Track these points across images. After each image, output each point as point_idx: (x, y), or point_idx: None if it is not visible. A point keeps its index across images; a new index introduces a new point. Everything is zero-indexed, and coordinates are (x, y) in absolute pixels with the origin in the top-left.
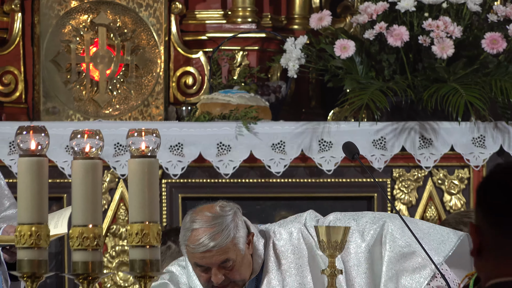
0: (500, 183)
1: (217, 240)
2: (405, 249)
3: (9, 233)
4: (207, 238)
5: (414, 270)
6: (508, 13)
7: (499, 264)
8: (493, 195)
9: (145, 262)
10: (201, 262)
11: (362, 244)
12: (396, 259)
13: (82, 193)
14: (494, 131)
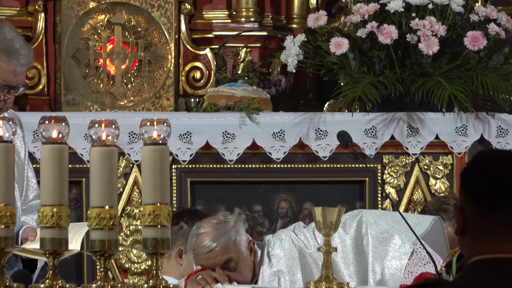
0: (482, 169)
1: (220, 241)
2: (384, 235)
3: (29, 236)
4: (210, 240)
5: (395, 250)
6: (488, 13)
7: (480, 243)
8: (475, 179)
9: (157, 240)
10: (206, 263)
11: (346, 237)
12: (378, 244)
13: (99, 177)
14: (475, 121)
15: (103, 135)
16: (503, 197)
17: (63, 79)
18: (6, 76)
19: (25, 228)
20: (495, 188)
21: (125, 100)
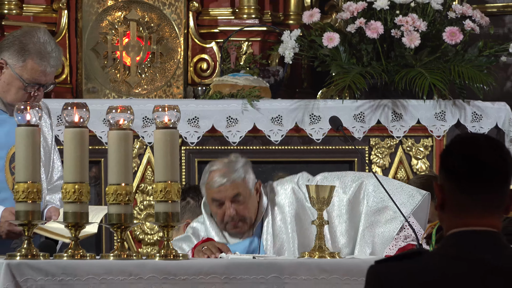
0: (460, 151)
1: (230, 176)
2: (379, 204)
3: (52, 215)
4: (221, 175)
5: (387, 222)
6: (464, 11)
7: (458, 217)
8: (454, 160)
9: (168, 214)
10: (217, 196)
11: (344, 198)
12: (372, 212)
13: (116, 157)
14: (453, 107)
15: (120, 119)
16: (478, 176)
17: (84, 69)
18: (37, 75)
19: (49, 208)
20: (471, 168)
21: (140, 88)
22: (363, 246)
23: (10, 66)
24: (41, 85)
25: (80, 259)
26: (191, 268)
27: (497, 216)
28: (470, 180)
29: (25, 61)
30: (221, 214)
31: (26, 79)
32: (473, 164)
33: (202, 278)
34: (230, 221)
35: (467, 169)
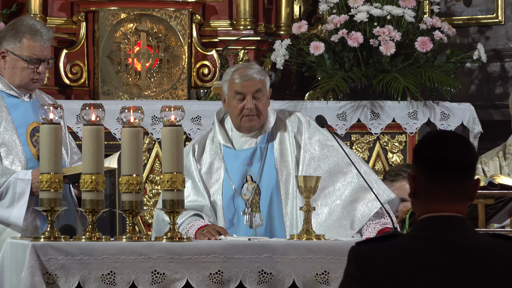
0: (430, 146)
1: (256, 74)
2: (365, 184)
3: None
4: (247, 72)
5: (369, 201)
6: (433, 23)
7: (429, 204)
8: (425, 154)
9: (173, 202)
10: (241, 89)
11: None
12: (358, 189)
13: (128, 152)
14: (424, 107)
15: (131, 118)
16: (447, 168)
17: (100, 74)
18: (34, 51)
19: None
20: (441, 160)
21: (149, 91)
22: (344, 217)
23: (10, 52)
24: (41, 60)
25: (96, 241)
26: (194, 248)
27: (463, 203)
28: (440, 171)
29: (21, 41)
30: (241, 107)
31: (26, 57)
32: (442, 157)
33: (203, 257)
34: (247, 114)
35: (437, 161)
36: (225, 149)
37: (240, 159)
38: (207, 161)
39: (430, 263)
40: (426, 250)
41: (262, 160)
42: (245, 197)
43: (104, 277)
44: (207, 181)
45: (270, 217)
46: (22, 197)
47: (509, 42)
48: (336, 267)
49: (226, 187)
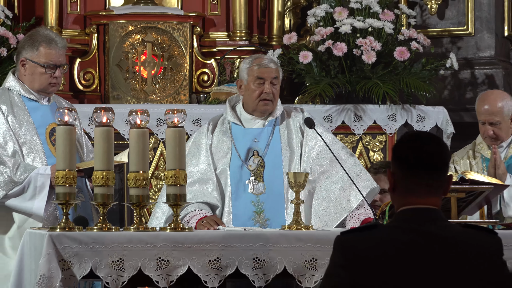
0: (408, 145)
1: (273, 63)
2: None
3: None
4: (267, 60)
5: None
6: (410, 34)
7: (406, 197)
8: (403, 152)
9: (176, 195)
10: (262, 75)
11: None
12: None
13: (136, 150)
14: (402, 110)
15: (138, 120)
16: (423, 165)
17: (110, 80)
18: (51, 58)
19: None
20: (417, 158)
21: (154, 95)
22: (341, 197)
23: (29, 60)
24: (57, 66)
25: (107, 231)
26: (195, 238)
27: (438, 197)
28: (417, 168)
29: (38, 49)
30: (260, 91)
31: (44, 63)
32: (419, 155)
33: (203, 246)
34: (264, 98)
35: (414, 159)
36: (234, 126)
37: (248, 136)
38: (217, 137)
39: (409, 251)
40: (404, 239)
41: (269, 139)
42: (250, 168)
43: (114, 263)
44: (216, 153)
45: (271, 187)
46: (42, 190)
47: (479, 51)
48: (323, 255)
49: (234, 159)
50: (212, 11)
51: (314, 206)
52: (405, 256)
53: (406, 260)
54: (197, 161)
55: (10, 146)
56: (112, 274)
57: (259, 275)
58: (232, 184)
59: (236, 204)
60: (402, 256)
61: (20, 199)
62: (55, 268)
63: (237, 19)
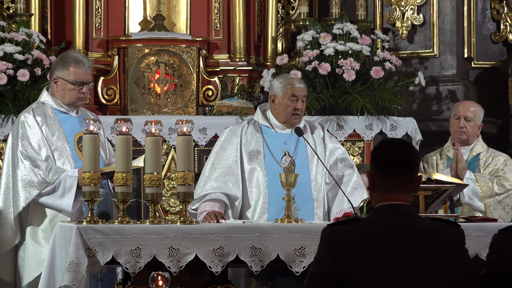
0: (383, 150)
1: (303, 84)
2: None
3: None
4: (299, 81)
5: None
6: (384, 56)
7: (383, 195)
8: (380, 156)
9: (185, 194)
10: (296, 93)
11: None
12: (355, 181)
13: (151, 155)
14: (377, 121)
15: (153, 129)
16: (396, 166)
17: (129, 95)
18: (78, 76)
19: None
20: (392, 161)
21: (166, 108)
22: (342, 195)
23: (60, 78)
24: (84, 83)
25: (126, 224)
26: (201, 230)
27: (409, 194)
28: (391, 169)
29: (68, 69)
30: (293, 107)
31: (72, 81)
32: (393, 159)
33: (208, 236)
34: (296, 113)
35: (390, 162)
36: (265, 128)
37: (279, 138)
38: (249, 136)
39: (384, 240)
40: (381, 230)
41: (297, 144)
42: (283, 165)
43: (132, 251)
44: (247, 150)
45: (301, 182)
46: (70, 190)
47: (443, 70)
48: (311, 244)
49: (267, 157)
50: (215, 36)
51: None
52: (383, 245)
53: (385, 248)
54: (226, 155)
55: (43, 151)
56: (131, 261)
57: (256, 261)
58: (268, 178)
59: (271, 195)
60: (381, 245)
61: (52, 197)
62: (82, 256)
63: (237, 43)
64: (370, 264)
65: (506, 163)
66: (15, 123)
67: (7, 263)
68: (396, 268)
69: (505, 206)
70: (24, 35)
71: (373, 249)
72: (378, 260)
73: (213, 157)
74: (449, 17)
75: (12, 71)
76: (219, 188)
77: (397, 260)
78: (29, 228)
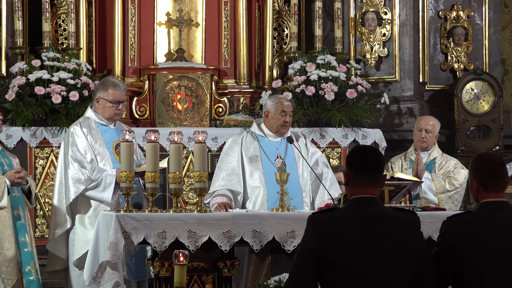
0: (356, 154)
1: (290, 102)
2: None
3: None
4: (287, 100)
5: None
6: (357, 81)
7: (355, 189)
8: (353, 159)
9: (201, 189)
10: (285, 109)
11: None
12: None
13: (174, 158)
14: (351, 131)
15: (176, 138)
16: (366, 167)
17: (157, 112)
18: (116, 97)
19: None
20: (362, 163)
21: (186, 122)
22: (323, 189)
23: (101, 98)
24: (120, 102)
25: (154, 212)
26: (214, 217)
27: (376, 189)
28: (362, 169)
29: (107, 90)
30: (283, 120)
31: (111, 100)
32: (363, 160)
33: (219, 222)
34: (285, 125)
35: (361, 164)
36: (260, 137)
37: (271, 145)
38: (248, 143)
39: (356, 224)
40: (354, 217)
41: (285, 149)
42: (277, 166)
43: (159, 234)
44: (246, 154)
45: (291, 178)
46: (110, 185)
47: (403, 92)
48: (299, 228)
49: (264, 160)
50: (224, 65)
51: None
52: (355, 228)
53: (356, 230)
54: (230, 159)
55: (89, 155)
56: (158, 241)
57: (256, 242)
58: (266, 177)
59: (269, 190)
60: (353, 228)
61: (95, 191)
62: (120, 237)
63: (241, 71)
64: (344, 242)
65: (456, 166)
66: (66, 134)
67: (61, 243)
68: (364, 245)
69: (454, 201)
70: (74, 65)
71: (347, 231)
72: (350, 239)
73: (220, 161)
74: (408, 50)
75: (65, 93)
76: (225, 185)
77: (365, 239)
78: (77, 215)
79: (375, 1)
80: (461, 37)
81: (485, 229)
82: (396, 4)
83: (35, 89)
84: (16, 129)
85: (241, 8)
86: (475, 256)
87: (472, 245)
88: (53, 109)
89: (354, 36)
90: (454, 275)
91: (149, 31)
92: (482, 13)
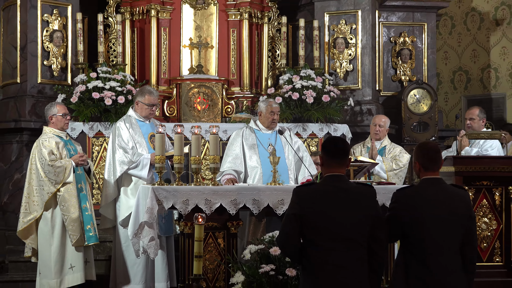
0: (329, 142)
1: (278, 104)
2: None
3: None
4: (275, 102)
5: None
6: (330, 88)
7: (329, 169)
8: (327, 146)
9: (215, 168)
10: (273, 110)
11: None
12: (310, 161)
13: (194, 146)
14: (326, 126)
15: (196, 131)
16: (336, 151)
17: (182, 111)
18: (151, 101)
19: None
20: (334, 148)
21: (204, 118)
22: (304, 168)
23: (140, 101)
24: (154, 105)
25: (180, 186)
26: (223, 189)
27: (344, 169)
28: (333, 153)
29: (144, 96)
30: (272, 118)
31: (147, 103)
32: (335, 147)
33: (227, 192)
34: (274, 121)
35: (332, 149)
36: (256, 131)
37: (265, 136)
38: (247, 134)
39: (328, 194)
40: (327, 189)
41: (275, 139)
42: (269, 151)
43: (183, 202)
44: (246, 143)
45: (280, 161)
46: (146, 166)
47: (364, 97)
48: (287, 197)
49: (260, 147)
50: (232, 76)
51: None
52: (328, 197)
53: (328, 199)
54: (234, 147)
55: (130, 144)
56: (183, 207)
57: (255, 207)
58: (261, 159)
59: (264, 169)
60: (327, 197)
61: (135, 170)
62: (154, 204)
63: (244, 80)
64: (320, 208)
65: (401, 152)
66: (113, 127)
67: (110, 208)
68: (335, 210)
69: (399, 177)
70: (121, 76)
71: (322, 200)
72: (325, 206)
73: (227, 149)
74: (368, 66)
75: (114, 97)
76: (231, 167)
77: (335, 205)
78: (122, 188)
79: (344, 29)
80: (406, 57)
81: (425, 198)
82: (359, 32)
83: (92, 94)
84: (78, 124)
85: (245, 34)
86: (418, 217)
87: (416, 210)
88: (105, 109)
89: (328, 56)
90: (402, 233)
91: (176, 51)
92: (422, 38)
